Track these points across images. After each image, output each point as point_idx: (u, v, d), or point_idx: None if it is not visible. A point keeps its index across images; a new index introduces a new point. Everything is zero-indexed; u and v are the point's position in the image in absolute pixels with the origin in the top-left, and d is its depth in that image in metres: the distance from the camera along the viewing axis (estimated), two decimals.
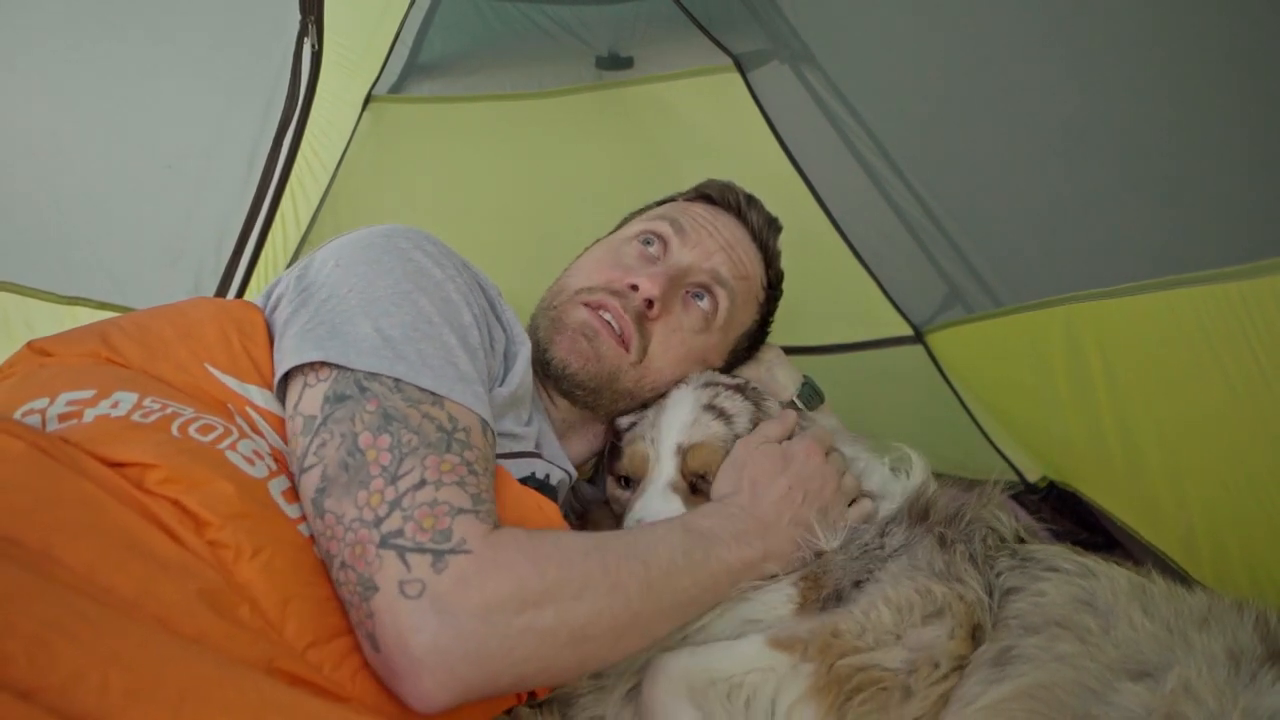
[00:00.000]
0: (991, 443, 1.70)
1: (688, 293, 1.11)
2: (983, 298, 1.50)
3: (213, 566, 0.62)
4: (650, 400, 1.12)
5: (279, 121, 1.66)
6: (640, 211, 1.28)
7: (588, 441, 1.16)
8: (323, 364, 0.77)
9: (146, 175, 1.56)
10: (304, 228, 1.82)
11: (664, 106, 2.02)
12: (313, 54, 1.64)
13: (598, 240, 1.25)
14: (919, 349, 1.85)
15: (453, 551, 0.67)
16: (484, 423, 0.80)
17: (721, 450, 1.01)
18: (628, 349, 1.06)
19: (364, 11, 1.74)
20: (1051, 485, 1.57)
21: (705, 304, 1.13)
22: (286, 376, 0.79)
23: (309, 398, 0.76)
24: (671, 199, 1.27)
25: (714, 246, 1.14)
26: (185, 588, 0.58)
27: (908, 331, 1.86)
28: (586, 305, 1.06)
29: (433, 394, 0.76)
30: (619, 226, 1.27)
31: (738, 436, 1.02)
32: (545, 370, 1.07)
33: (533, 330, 1.11)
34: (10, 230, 1.45)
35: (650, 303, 1.05)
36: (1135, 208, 1.01)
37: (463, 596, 0.66)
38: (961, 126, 1.29)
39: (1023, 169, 1.20)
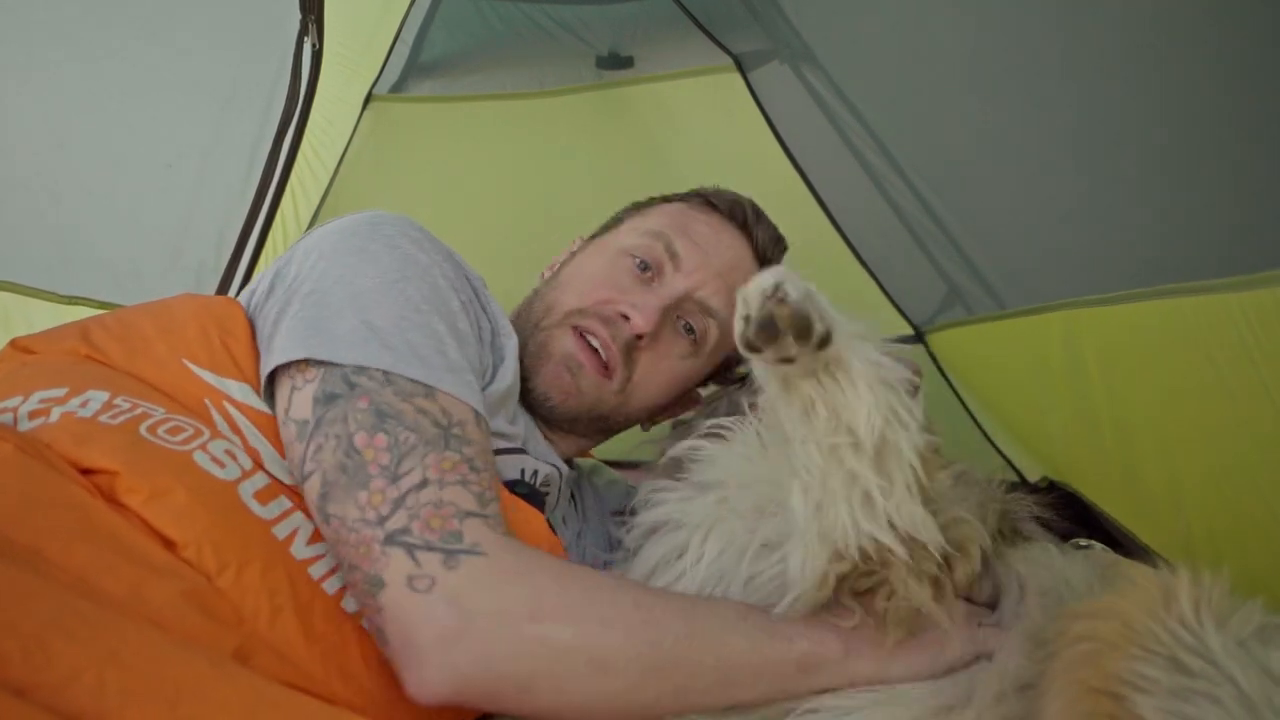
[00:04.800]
0: (992, 443, 1.70)
1: (678, 318, 1.09)
2: (983, 299, 1.50)
3: (196, 570, 0.61)
4: (628, 425, 1.12)
5: (279, 121, 1.66)
6: (642, 206, 1.22)
7: (576, 442, 1.14)
8: (308, 362, 0.75)
9: (146, 174, 1.56)
10: (304, 227, 1.82)
11: (664, 106, 2.02)
12: (313, 53, 1.64)
13: (592, 237, 1.21)
14: (919, 349, 1.85)
15: (467, 553, 0.66)
16: (477, 414, 0.77)
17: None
18: (611, 378, 1.04)
19: (364, 11, 1.75)
20: (1052, 485, 1.56)
21: (695, 333, 1.10)
22: (274, 378, 0.78)
23: (299, 401, 0.74)
24: (683, 198, 1.21)
25: (708, 274, 1.09)
26: (171, 589, 0.57)
27: (908, 331, 1.87)
28: (575, 330, 1.04)
29: (424, 386, 0.74)
30: (616, 222, 1.22)
31: None
32: (526, 394, 1.05)
33: (520, 342, 1.07)
34: (10, 230, 1.45)
35: (639, 336, 1.04)
36: (1136, 215, 1.01)
37: (475, 594, 0.65)
38: (963, 128, 1.29)
39: (1024, 171, 1.20)
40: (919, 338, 1.85)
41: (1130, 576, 0.68)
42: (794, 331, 0.62)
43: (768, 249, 1.19)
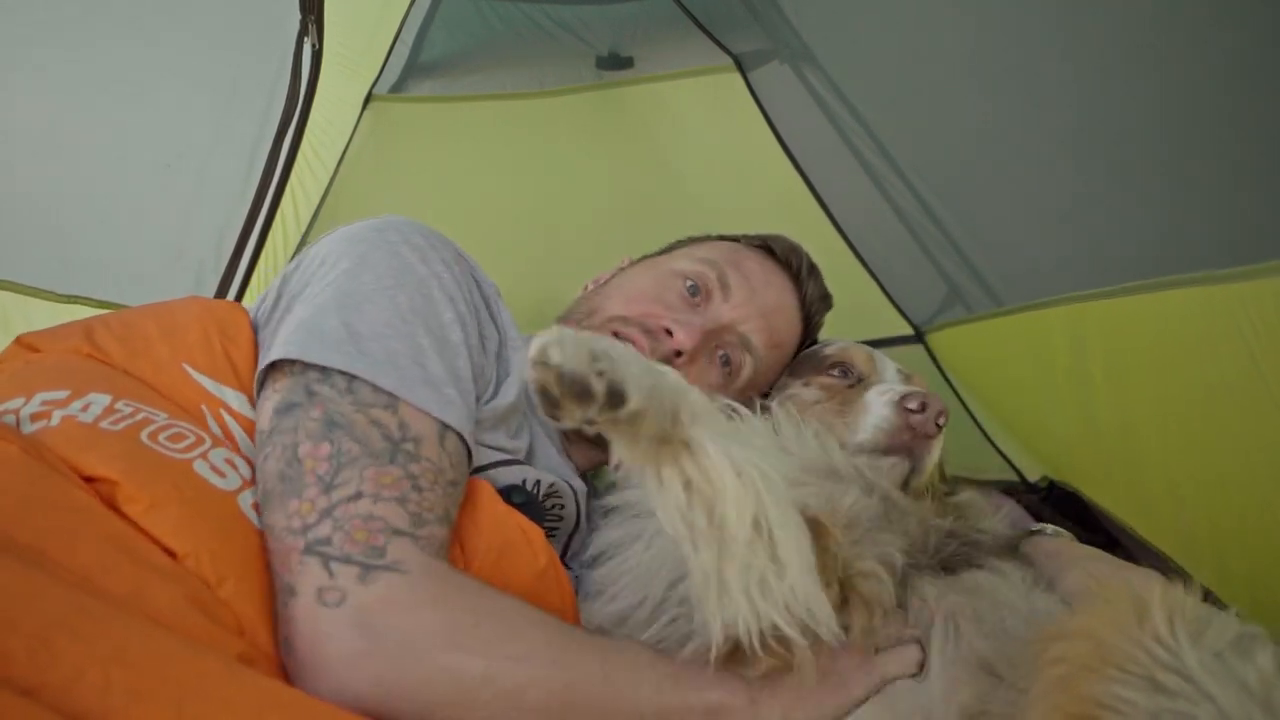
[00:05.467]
0: (992, 442, 1.70)
1: (717, 348, 1.10)
2: (983, 298, 1.50)
3: (196, 577, 0.61)
4: None
5: (279, 121, 1.66)
6: (696, 240, 1.23)
7: (589, 453, 1.13)
8: (283, 367, 0.74)
9: (146, 174, 1.56)
10: (304, 227, 1.82)
11: (664, 106, 2.02)
12: (313, 53, 1.64)
13: (644, 257, 1.21)
14: (919, 349, 1.85)
15: (386, 569, 0.63)
16: (444, 429, 0.75)
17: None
18: None
19: (364, 11, 1.74)
20: (1052, 485, 1.57)
21: (730, 366, 1.11)
22: (261, 382, 0.77)
23: (263, 411, 0.74)
24: (734, 239, 1.22)
25: (752, 311, 1.11)
26: (174, 592, 0.57)
27: (908, 331, 1.87)
28: (615, 335, 1.04)
29: (389, 395, 0.73)
30: (668, 249, 1.22)
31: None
32: None
33: None
34: (10, 229, 1.45)
35: (679, 352, 1.04)
36: (1136, 208, 1.01)
37: (387, 615, 0.62)
38: (962, 126, 1.29)
39: (1024, 169, 1.20)
40: (919, 338, 1.86)
41: (1100, 593, 0.67)
42: (571, 396, 0.56)
43: (813, 304, 1.21)
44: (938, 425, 0.93)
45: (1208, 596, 0.82)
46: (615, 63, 2.02)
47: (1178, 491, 1.08)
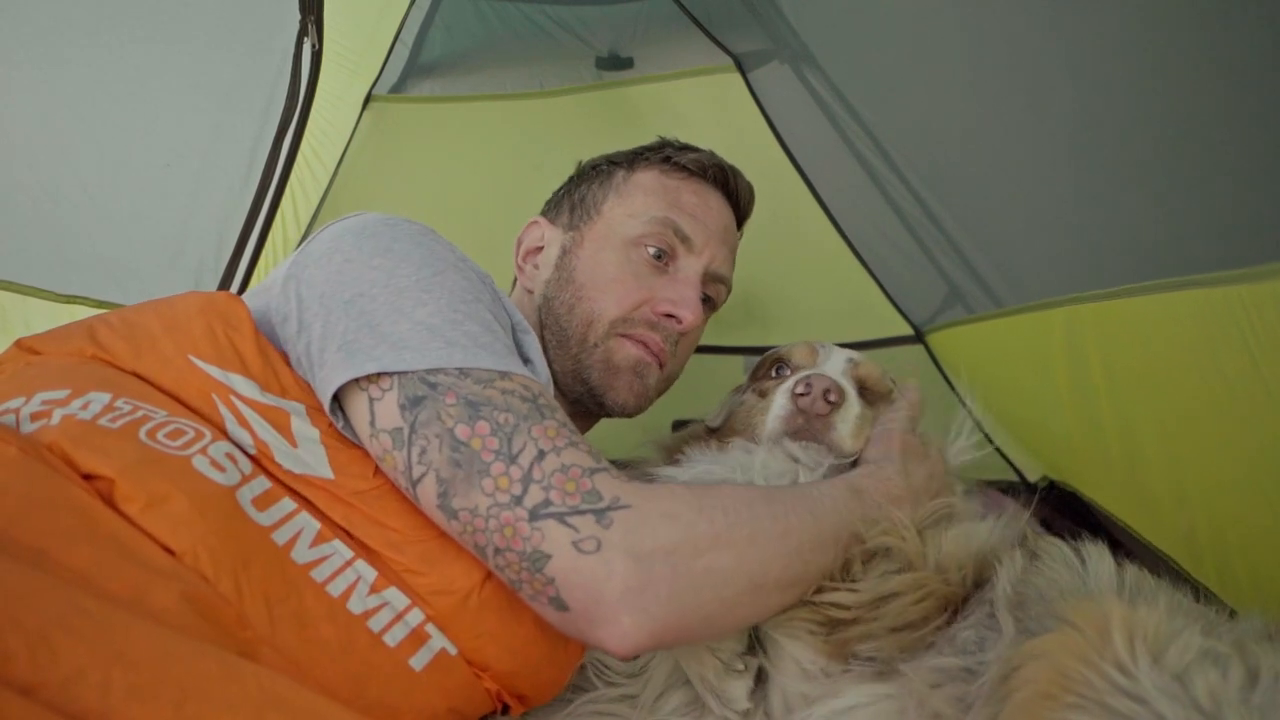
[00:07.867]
0: (992, 442, 1.69)
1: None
2: (983, 298, 1.50)
3: (195, 574, 0.61)
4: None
5: (279, 121, 1.66)
6: (606, 180, 1.21)
7: (581, 423, 1.20)
8: (379, 374, 0.74)
9: (146, 174, 1.56)
10: (304, 227, 1.82)
11: (664, 106, 2.02)
12: (313, 54, 1.64)
13: (573, 225, 1.20)
14: (919, 349, 1.85)
15: (612, 508, 0.68)
16: (542, 386, 0.79)
17: (885, 382, 1.09)
18: (663, 367, 1.13)
19: (364, 11, 1.74)
20: (1052, 485, 1.57)
21: (711, 302, 1.20)
22: (343, 396, 0.77)
23: (383, 411, 0.74)
24: (650, 162, 1.21)
25: (715, 247, 1.16)
26: (172, 592, 0.57)
27: (908, 331, 1.87)
28: (628, 338, 1.10)
29: (494, 371, 0.76)
30: (592, 205, 1.19)
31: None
32: (600, 405, 1.12)
33: (574, 365, 1.10)
34: (9, 228, 1.45)
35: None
36: (1136, 209, 1.01)
37: (640, 542, 0.67)
38: (962, 126, 1.29)
39: (1023, 169, 1.20)
40: (919, 338, 1.86)
41: (1067, 615, 0.67)
42: None
43: (746, 206, 1.27)
44: (828, 402, 0.98)
45: (1198, 595, 0.82)
46: (615, 63, 2.02)
47: (1178, 492, 1.07)
